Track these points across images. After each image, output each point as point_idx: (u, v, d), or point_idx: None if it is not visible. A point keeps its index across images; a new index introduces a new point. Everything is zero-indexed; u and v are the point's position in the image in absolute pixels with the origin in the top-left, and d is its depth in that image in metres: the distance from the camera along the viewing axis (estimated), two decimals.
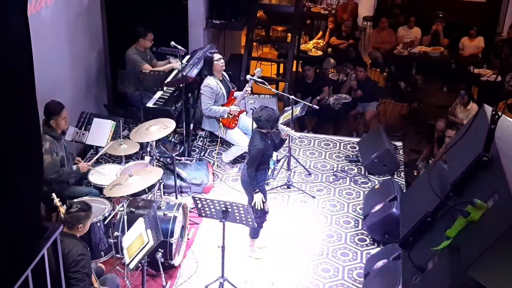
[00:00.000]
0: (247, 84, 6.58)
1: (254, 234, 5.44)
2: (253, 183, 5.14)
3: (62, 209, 4.55)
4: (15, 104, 2.82)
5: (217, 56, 6.46)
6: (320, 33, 11.62)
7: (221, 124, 6.61)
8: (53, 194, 4.57)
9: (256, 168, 5.13)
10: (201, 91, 6.52)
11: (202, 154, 7.25)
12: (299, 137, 5.78)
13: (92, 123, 6.13)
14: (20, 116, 2.88)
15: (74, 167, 5.46)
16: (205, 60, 6.54)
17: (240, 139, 6.62)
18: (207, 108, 6.47)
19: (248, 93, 6.60)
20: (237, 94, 6.67)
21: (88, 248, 4.33)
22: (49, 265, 3.21)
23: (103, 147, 5.96)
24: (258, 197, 5.14)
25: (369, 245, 5.76)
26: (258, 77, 6.47)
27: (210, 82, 6.44)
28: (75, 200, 4.94)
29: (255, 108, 6.46)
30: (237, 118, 6.65)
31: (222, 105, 6.53)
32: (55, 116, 5.31)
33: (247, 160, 5.25)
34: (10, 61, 2.75)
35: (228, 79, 6.75)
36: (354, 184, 6.79)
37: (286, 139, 5.52)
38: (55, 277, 3.38)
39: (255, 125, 5.30)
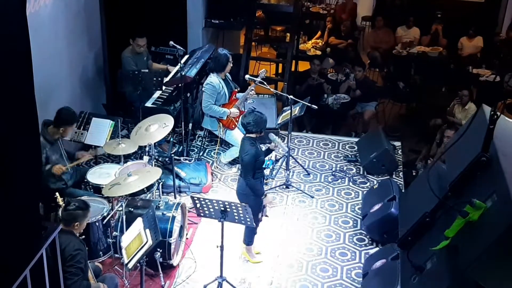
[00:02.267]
0: (250, 87, 6.59)
1: (249, 241, 5.41)
2: (257, 190, 5.06)
3: None
4: (14, 104, 2.82)
5: (230, 57, 6.50)
6: (319, 33, 11.60)
7: (221, 124, 6.60)
8: (57, 193, 4.57)
9: (253, 176, 5.08)
10: (203, 89, 6.50)
11: (201, 154, 7.25)
12: (286, 149, 5.86)
13: (91, 122, 6.12)
14: (18, 115, 2.88)
15: (48, 167, 5.32)
16: (219, 58, 6.45)
17: (239, 139, 6.61)
18: (207, 107, 6.46)
19: (250, 95, 6.58)
20: (239, 95, 6.67)
21: (85, 245, 4.32)
22: (46, 261, 3.21)
23: (102, 147, 5.96)
24: (269, 198, 5.04)
25: (367, 245, 5.76)
26: (262, 79, 6.48)
27: (213, 80, 6.43)
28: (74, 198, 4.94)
29: (254, 108, 6.46)
30: (237, 119, 6.64)
31: (223, 105, 6.52)
32: (69, 126, 5.34)
33: (242, 170, 5.14)
34: (8, 60, 2.75)
35: (230, 78, 6.75)
36: (352, 184, 6.79)
37: (274, 149, 5.49)
38: (53, 275, 3.38)
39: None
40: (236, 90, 6.72)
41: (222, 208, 4.53)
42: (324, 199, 6.46)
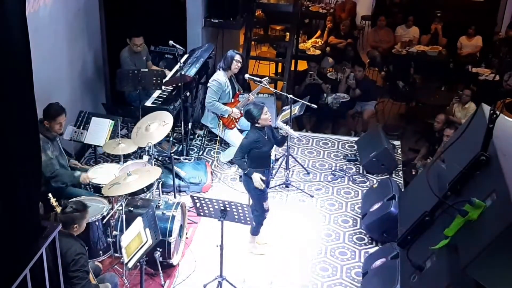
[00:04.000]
0: (253, 91, 6.63)
1: (255, 231, 5.45)
2: (242, 166, 5.17)
3: (58, 209, 4.53)
4: (14, 104, 2.82)
5: (238, 57, 6.51)
6: (319, 32, 11.62)
7: (221, 122, 6.61)
8: (49, 194, 4.55)
9: (250, 165, 5.15)
10: (209, 84, 6.54)
11: (200, 153, 7.25)
12: (298, 137, 5.75)
13: (91, 122, 6.12)
14: (18, 115, 2.88)
15: (77, 173, 5.40)
16: (226, 57, 6.52)
17: (237, 140, 6.60)
18: (211, 102, 6.48)
19: (253, 99, 6.59)
20: (242, 97, 6.68)
21: (86, 247, 4.32)
22: (46, 263, 3.21)
23: (102, 147, 5.97)
24: (255, 177, 5.12)
25: (367, 244, 5.76)
26: (264, 85, 6.50)
27: (220, 77, 6.46)
28: (73, 199, 4.94)
29: None
30: (237, 120, 6.65)
31: (226, 104, 6.54)
32: (49, 119, 5.29)
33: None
34: (8, 60, 2.75)
35: (235, 79, 6.77)
36: (352, 183, 6.79)
37: (286, 137, 5.54)
38: (53, 275, 3.38)
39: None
40: (239, 92, 6.74)
41: (222, 208, 4.54)
42: (324, 198, 6.47)
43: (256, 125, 5.17)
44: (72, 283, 3.98)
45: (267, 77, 6.74)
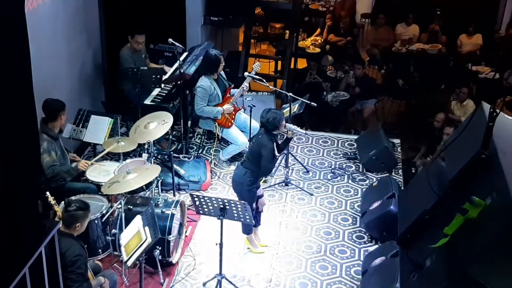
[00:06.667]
0: (244, 83, 6.56)
1: (248, 231, 5.41)
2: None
3: (57, 208, 4.52)
4: (12, 101, 2.82)
5: (222, 57, 6.48)
6: (318, 30, 11.60)
7: (217, 123, 6.59)
8: (47, 193, 4.54)
9: (257, 175, 5.15)
10: (195, 92, 6.51)
11: (200, 151, 7.24)
12: (306, 133, 5.78)
13: (90, 120, 6.11)
14: (17, 113, 2.87)
15: (73, 164, 5.40)
16: (211, 59, 6.42)
17: (237, 137, 6.61)
18: (200, 109, 6.46)
19: (245, 90, 6.55)
20: (233, 91, 6.65)
21: (86, 247, 4.31)
22: (46, 261, 3.21)
23: (101, 145, 5.95)
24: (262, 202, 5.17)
25: (367, 242, 5.76)
26: (257, 72, 6.45)
27: (204, 83, 6.41)
28: (73, 197, 4.93)
29: (253, 106, 6.45)
30: (233, 117, 6.62)
31: (217, 104, 6.50)
32: (62, 112, 5.35)
33: (250, 160, 5.16)
34: (7, 57, 2.74)
35: (224, 77, 6.72)
36: (352, 181, 6.79)
37: (292, 138, 5.51)
38: (52, 274, 3.38)
39: (262, 129, 5.21)
40: (230, 87, 6.69)
41: (221, 206, 4.53)
42: (324, 197, 6.46)
43: (274, 132, 5.14)
44: (65, 284, 3.96)
45: (258, 63, 6.66)
